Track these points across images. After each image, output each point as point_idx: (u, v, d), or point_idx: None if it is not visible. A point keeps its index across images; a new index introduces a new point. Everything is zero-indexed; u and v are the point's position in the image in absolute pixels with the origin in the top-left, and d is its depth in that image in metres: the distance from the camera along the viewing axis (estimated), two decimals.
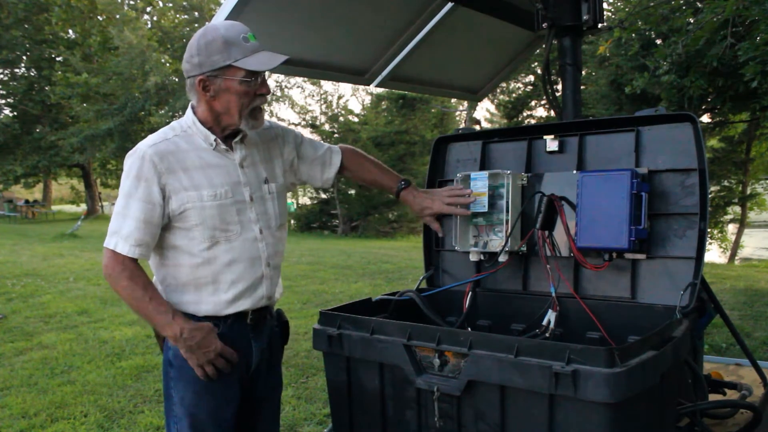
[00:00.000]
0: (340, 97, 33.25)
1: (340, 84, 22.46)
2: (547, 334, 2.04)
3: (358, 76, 3.64)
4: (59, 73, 25.08)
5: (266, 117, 1.89)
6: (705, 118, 10.00)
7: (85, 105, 24.47)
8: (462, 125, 22.02)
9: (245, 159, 1.84)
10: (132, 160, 1.73)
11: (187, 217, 1.73)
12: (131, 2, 27.01)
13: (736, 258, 14.16)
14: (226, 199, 1.77)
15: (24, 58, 27.13)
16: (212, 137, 1.78)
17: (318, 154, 2.07)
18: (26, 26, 26.12)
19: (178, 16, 27.50)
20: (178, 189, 1.72)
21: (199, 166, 1.76)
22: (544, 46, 2.90)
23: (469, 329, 2.30)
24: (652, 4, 6.31)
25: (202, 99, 1.76)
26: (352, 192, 21.44)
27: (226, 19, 2.50)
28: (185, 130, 1.79)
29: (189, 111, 1.82)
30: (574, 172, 2.16)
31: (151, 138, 1.78)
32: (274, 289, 1.91)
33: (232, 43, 1.70)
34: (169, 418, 1.84)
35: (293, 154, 2.03)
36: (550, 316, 2.06)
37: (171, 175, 1.72)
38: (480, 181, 2.20)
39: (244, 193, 1.81)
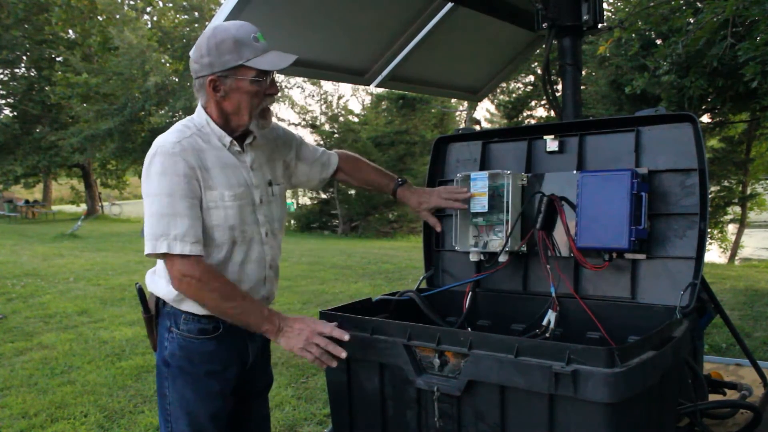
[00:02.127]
0: (340, 97, 33.24)
1: (340, 84, 22.46)
2: (547, 334, 2.04)
3: (358, 76, 3.64)
4: (59, 73, 25.07)
5: None
6: (705, 118, 10.00)
7: (85, 105, 24.45)
8: (462, 125, 22.02)
9: (254, 161, 1.84)
10: (162, 158, 1.66)
11: (209, 216, 1.71)
12: (131, 2, 26.98)
13: (736, 258, 14.15)
14: (243, 200, 1.76)
15: (24, 58, 27.10)
16: (227, 138, 1.77)
17: (316, 155, 2.09)
18: (26, 26, 26.08)
19: (178, 16, 27.48)
20: (204, 187, 1.70)
21: (218, 165, 1.74)
22: (544, 46, 2.90)
23: (469, 329, 2.30)
24: (652, 4, 6.31)
25: (211, 99, 1.74)
26: (352, 192, 21.44)
27: (226, 19, 2.50)
28: (200, 128, 1.76)
29: (201, 110, 1.79)
30: (574, 172, 2.16)
31: (171, 135, 1.72)
32: (273, 290, 1.91)
33: (243, 43, 1.68)
34: (163, 418, 1.83)
35: (293, 154, 2.03)
36: (550, 316, 2.06)
37: (200, 171, 1.69)
38: (480, 181, 2.19)
39: (254, 196, 1.80)
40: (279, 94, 1.82)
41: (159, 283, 1.80)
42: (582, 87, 3.08)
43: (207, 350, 1.78)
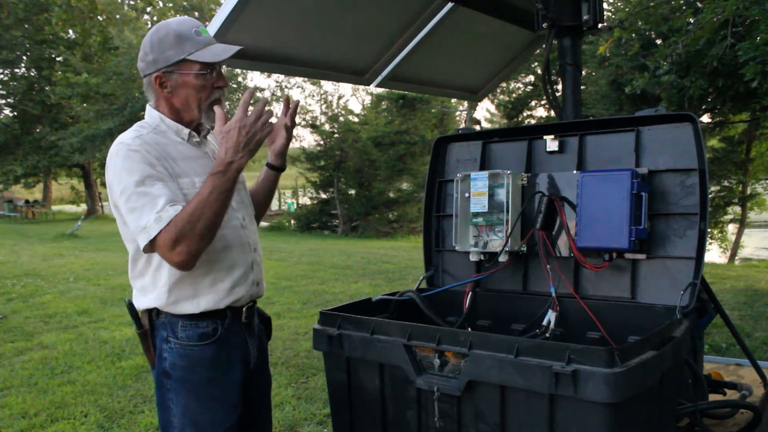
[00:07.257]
0: (340, 97, 33.33)
1: (340, 84, 22.45)
2: (547, 334, 2.05)
3: (358, 76, 3.64)
4: (59, 73, 25.05)
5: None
6: (705, 118, 10.01)
7: (85, 105, 24.43)
8: (462, 125, 22.02)
9: (214, 153, 1.85)
10: (124, 153, 1.65)
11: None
12: (131, 2, 27.01)
13: (736, 258, 14.14)
14: None
15: (24, 58, 27.11)
16: (185, 130, 1.78)
17: None
18: (26, 26, 26.08)
19: (178, 16, 27.51)
20: (173, 175, 1.69)
21: (180, 157, 1.74)
22: (544, 46, 2.90)
23: (469, 329, 2.30)
24: (652, 4, 6.31)
25: (161, 96, 1.76)
26: (353, 192, 21.44)
27: (226, 19, 2.51)
28: (155, 127, 1.77)
29: (151, 111, 1.79)
30: (574, 172, 2.16)
31: (129, 133, 1.72)
32: (261, 275, 1.89)
33: (185, 37, 1.70)
34: (166, 431, 1.78)
35: None
36: (550, 316, 2.06)
37: (164, 161, 1.69)
38: (480, 181, 2.20)
39: None
40: (226, 86, 1.79)
41: (148, 296, 1.76)
42: (582, 87, 3.08)
43: (207, 356, 1.74)
